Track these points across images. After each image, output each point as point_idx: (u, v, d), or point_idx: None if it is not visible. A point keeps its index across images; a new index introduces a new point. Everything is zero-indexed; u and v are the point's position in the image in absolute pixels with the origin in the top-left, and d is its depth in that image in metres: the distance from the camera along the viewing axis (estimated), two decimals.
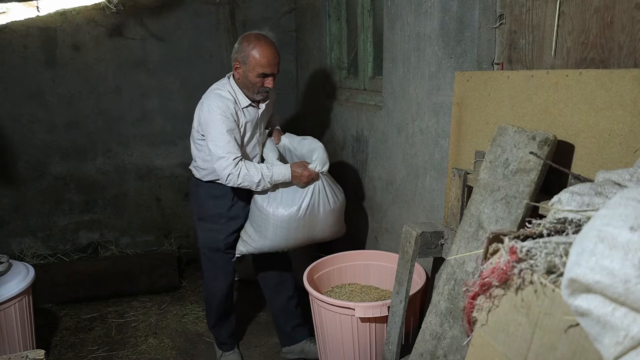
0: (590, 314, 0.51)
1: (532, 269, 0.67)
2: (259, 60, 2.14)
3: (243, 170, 2.17)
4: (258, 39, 2.16)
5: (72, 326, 3.16)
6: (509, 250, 0.68)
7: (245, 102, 2.25)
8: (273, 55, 2.17)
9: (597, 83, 1.12)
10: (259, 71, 2.15)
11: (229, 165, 2.15)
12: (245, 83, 2.21)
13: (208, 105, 2.19)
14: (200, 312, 3.28)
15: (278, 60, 2.20)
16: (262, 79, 2.18)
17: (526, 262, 0.67)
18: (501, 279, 0.70)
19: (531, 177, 1.19)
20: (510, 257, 0.68)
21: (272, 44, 2.19)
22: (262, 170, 2.20)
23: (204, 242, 2.47)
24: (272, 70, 2.18)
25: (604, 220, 0.51)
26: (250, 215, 2.37)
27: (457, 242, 1.40)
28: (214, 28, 3.80)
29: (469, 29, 1.61)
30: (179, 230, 4.07)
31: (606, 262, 0.47)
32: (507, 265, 0.69)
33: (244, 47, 2.17)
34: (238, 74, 2.22)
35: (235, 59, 2.21)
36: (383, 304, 1.81)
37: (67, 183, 3.77)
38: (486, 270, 0.73)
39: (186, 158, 3.94)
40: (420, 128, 2.03)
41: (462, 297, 1.32)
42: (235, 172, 2.16)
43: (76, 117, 3.67)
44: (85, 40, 3.58)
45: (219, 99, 2.18)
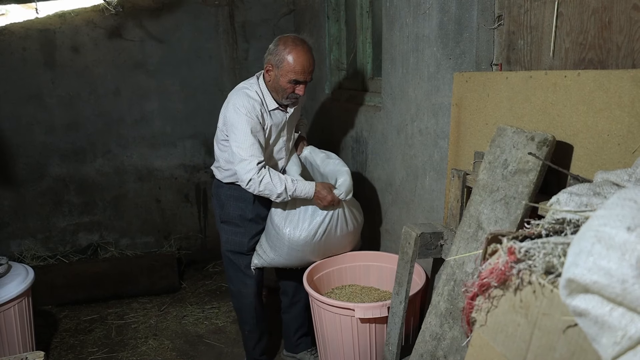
0: (588, 314, 0.51)
1: (531, 269, 0.67)
2: (293, 66, 2.05)
3: (266, 178, 2.07)
4: (295, 44, 2.07)
5: (71, 328, 3.16)
6: (508, 251, 0.68)
7: (272, 104, 2.18)
8: (309, 63, 2.08)
9: (596, 84, 1.12)
10: (291, 77, 2.07)
11: (251, 170, 2.06)
12: (275, 87, 2.14)
13: (234, 104, 2.12)
14: (200, 314, 3.28)
15: (313, 68, 2.12)
16: (293, 85, 2.10)
17: (524, 263, 0.68)
18: (500, 279, 0.70)
19: (530, 178, 1.19)
20: (508, 258, 0.68)
21: (309, 50, 2.11)
22: (287, 182, 2.11)
23: (227, 246, 2.38)
24: (305, 77, 2.10)
25: (601, 221, 0.51)
26: (266, 230, 2.31)
27: (456, 242, 1.40)
28: (213, 30, 3.81)
29: (468, 30, 1.62)
30: (178, 232, 4.07)
31: (603, 262, 0.47)
32: (505, 265, 0.69)
33: (280, 50, 2.08)
34: (269, 76, 2.14)
35: (268, 61, 2.13)
36: (383, 305, 1.81)
37: (67, 184, 3.77)
38: (485, 270, 0.73)
39: (185, 159, 3.96)
40: (420, 129, 2.03)
41: (461, 298, 1.32)
42: (257, 178, 2.06)
43: (76, 119, 3.67)
44: (84, 42, 3.59)
45: (246, 98, 2.11)
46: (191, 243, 4.12)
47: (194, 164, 4.01)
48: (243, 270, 2.39)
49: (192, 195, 4.07)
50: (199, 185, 4.06)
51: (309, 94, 3.70)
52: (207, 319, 3.23)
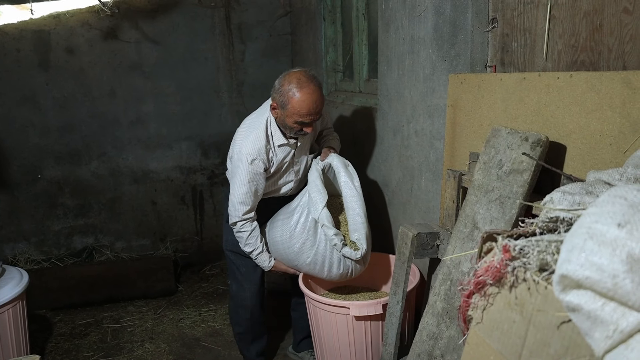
0: (581, 309, 0.52)
1: (525, 266, 0.68)
2: (299, 109, 1.97)
3: (245, 233, 2.18)
4: (300, 85, 1.96)
5: (66, 332, 3.14)
6: (502, 249, 0.70)
7: (281, 140, 2.13)
8: (315, 104, 1.98)
9: (588, 85, 1.14)
10: (296, 119, 1.99)
11: (237, 217, 2.16)
12: (282, 124, 2.07)
13: (239, 148, 2.11)
14: (196, 317, 3.27)
15: (321, 107, 2.02)
16: (300, 125, 2.03)
17: (519, 260, 0.69)
18: (495, 277, 0.71)
19: (524, 178, 1.20)
20: (503, 256, 0.70)
21: (316, 89, 2.00)
22: (254, 249, 2.21)
23: (228, 245, 2.39)
24: (312, 119, 2.02)
25: (592, 218, 0.52)
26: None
27: (452, 242, 1.41)
28: (209, 31, 3.81)
29: (462, 32, 1.63)
30: (175, 234, 4.06)
31: (595, 258, 0.49)
32: (500, 263, 0.70)
33: (284, 91, 1.98)
34: (275, 114, 2.07)
35: (273, 99, 2.05)
36: (377, 302, 1.82)
37: (62, 187, 3.75)
38: (480, 268, 0.74)
39: (181, 161, 3.96)
40: (416, 130, 2.05)
41: (458, 297, 1.33)
42: (237, 227, 2.18)
43: (70, 121, 3.66)
44: (79, 43, 3.58)
45: (252, 144, 2.08)
46: (187, 245, 4.11)
47: (190, 166, 4.00)
48: (242, 272, 2.39)
49: (188, 198, 4.06)
50: (195, 187, 4.06)
51: None
52: (204, 321, 3.22)
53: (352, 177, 2.11)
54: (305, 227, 2.07)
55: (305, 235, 2.06)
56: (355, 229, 2.06)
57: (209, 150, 4.01)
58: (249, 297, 2.40)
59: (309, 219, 2.06)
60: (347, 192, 2.09)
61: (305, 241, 2.06)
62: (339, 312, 1.87)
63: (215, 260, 4.13)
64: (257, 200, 2.18)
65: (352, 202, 2.07)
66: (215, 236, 4.15)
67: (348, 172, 2.12)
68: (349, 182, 2.09)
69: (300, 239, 2.07)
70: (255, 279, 2.40)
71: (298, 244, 2.08)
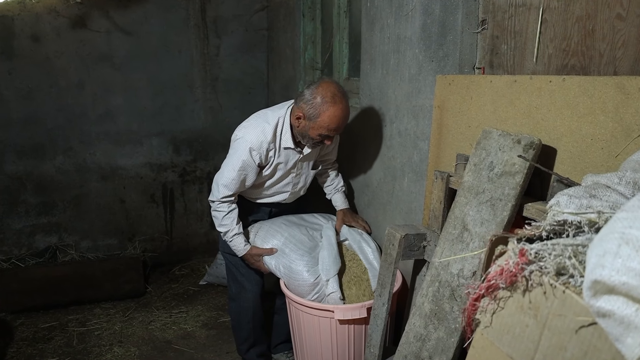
0: (613, 314, 0.51)
1: (542, 270, 0.67)
2: (328, 124, 1.94)
3: (221, 213, 2.13)
4: (334, 101, 1.92)
5: (29, 336, 2.99)
6: (519, 253, 0.68)
7: (288, 143, 2.09)
8: (345, 120, 1.98)
9: (580, 89, 1.15)
10: (323, 132, 1.97)
11: (217, 196, 2.12)
12: (302, 134, 2.03)
13: (244, 134, 2.07)
14: (167, 319, 3.18)
15: (347, 121, 2.02)
16: (322, 138, 2.01)
17: (535, 264, 0.68)
18: (510, 281, 0.70)
19: (517, 180, 1.21)
20: (519, 259, 0.68)
21: (348, 105, 1.98)
22: (229, 231, 2.15)
23: (224, 248, 2.32)
24: (337, 133, 2.02)
25: (625, 223, 0.51)
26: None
27: (441, 244, 1.41)
28: (183, 23, 3.70)
29: (452, 33, 1.63)
30: (144, 234, 3.94)
31: (633, 263, 0.48)
32: (516, 267, 0.69)
33: (317, 103, 1.93)
34: (298, 122, 2.01)
35: (301, 108, 1.98)
36: (362, 306, 1.81)
37: (24, 183, 3.57)
38: (493, 272, 0.73)
39: (152, 158, 3.83)
40: (399, 130, 2.04)
41: (447, 299, 1.32)
42: (216, 206, 2.14)
43: (34, 113, 3.48)
44: (45, 31, 3.40)
45: (258, 133, 2.04)
46: (157, 245, 3.99)
47: (161, 163, 3.88)
48: (243, 273, 2.33)
49: (158, 196, 3.94)
50: (166, 185, 3.94)
51: (281, 94, 3.67)
52: (175, 323, 3.13)
53: (369, 246, 2.19)
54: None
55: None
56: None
57: (181, 147, 3.90)
58: (251, 297, 2.35)
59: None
60: (367, 257, 2.16)
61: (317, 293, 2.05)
62: (322, 315, 1.84)
63: (185, 260, 4.03)
64: (242, 189, 2.15)
65: (373, 267, 2.12)
66: (186, 235, 4.05)
67: (364, 241, 2.20)
68: (367, 247, 2.18)
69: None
70: (257, 278, 2.35)
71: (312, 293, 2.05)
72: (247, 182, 2.12)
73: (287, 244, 2.12)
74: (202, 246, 4.12)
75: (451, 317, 1.30)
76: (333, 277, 2.00)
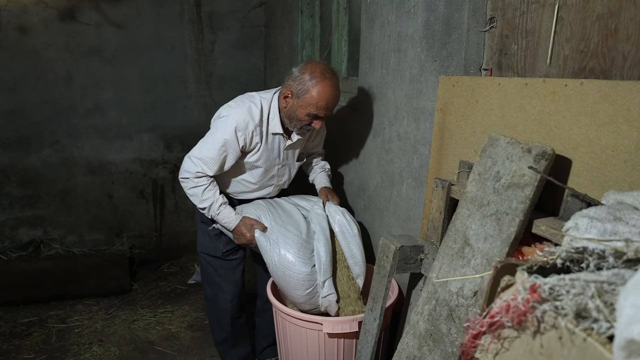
0: None
1: (558, 311, 0.56)
2: (317, 101, 1.86)
3: (200, 189, 1.96)
4: (323, 75, 1.86)
5: (6, 331, 2.88)
6: (530, 289, 0.57)
7: (276, 128, 2.00)
8: (335, 98, 1.90)
9: (601, 95, 1.04)
10: (311, 111, 1.89)
11: (192, 172, 1.94)
12: (290, 115, 1.95)
13: (229, 112, 1.96)
14: (151, 318, 3.06)
15: (336, 103, 1.94)
16: (310, 119, 1.92)
17: (550, 303, 0.56)
18: (518, 320, 0.58)
19: (526, 193, 1.09)
20: (530, 296, 0.57)
21: (337, 84, 1.92)
22: (214, 203, 1.98)
23: (202, 248, 2.22)
24: (326, 113, 1.92)
25: None
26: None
27: (439, 258, 1.29)
28: (177, 18, 3.58)
29: (457, 31, 1.52)
30: (131, 229, 3.82)
31: None
32: (525, 305, 0.58)
33: (305, 80, 1.87)
34: (286, 103, 1.94)
35: (289, 87, 1.92)
36: (353, 319, 1.69)
37: (8, 175, 3.45)
38: (497, 307, 0.62)
39: (142, 153, 3.71)
40: (398, 133, 1.93)
41: (444, 320, 1.21)
42: (191, 183, 1.96)
43: (20, 105, 3.36)
44: (33, 22, 3.29)
45: (244, 113, 1.93)
46: (145, 242, 3.87)
47: (151, 159, 3.77)
48: (220, 274, 2.22)
49: (147, 192, 3.83)
50: (156, 181, 3.83)
51: None
52: (160, 323, 3.02)
53: (350, 225, 2.02)
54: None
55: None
56: (357, 275, 1.99)
57: (173, 143, 3.79)
58: (229, 299, 2.25)
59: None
60: (347, 240, 2.01)
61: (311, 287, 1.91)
62: (310, 327, 1.73)
63: (174, 257, 3.92)
64: (219, 171, 1.99)
65: (354, 253, 1.98)
66: (176, 233, 3.94)
67: (346, 219, 2.03)
68: (349, 230, 2.01)
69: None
70: (236, 279, 2.25)
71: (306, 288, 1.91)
72: (225, 165, 1.96)
73: (278, 229, 1.96)
74: (192, 244, 3.98)
75: (448, 339, 1.19)
76: (330, 278, 1.88)
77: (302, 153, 2.23)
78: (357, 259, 1.96)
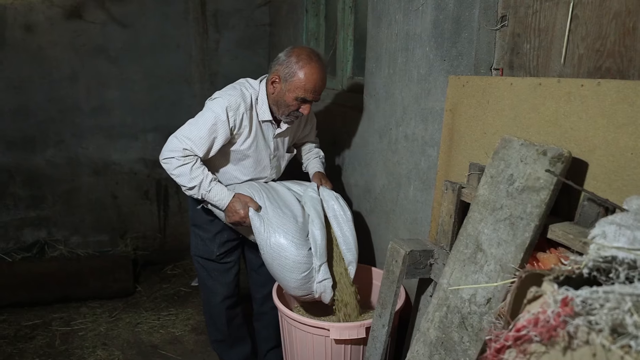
0: None
1: (591, 326, 0.52)
2: (304, 83, 1.85)
3: (189, 165, 1.85)
4: (310, 58, 1.86)
5: (10, 334, 2.85)
6: (561, 302, 0.54)
7: (265, 116, 1.97)
8: (322, 82, 1.90)
9: (619, 95, 1.00)
10: (299, 94, 1.87)
11: (178, 151, 1.85)
12: (277, 100, 1.93)
13: (221, 94, 1.92)
14: (155, 321, 3.03)
15: (324, 87, 1.93)
16: (299, 103, 1.90)
17: (583, 318, 0.53)
18: (548, 336, 0.55)
19: (541, 197, 1.06)
20: (561, 310, 0.54)
21: (324, 67, 1.91)
22: (205, 178, 1.88)
23: (196, 251, 2.18)
24: (314, 97, 1.91)
25: None
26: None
27: (450, 263, 1.26)
28: (182, 17, 3.56)
29: (467, 29, 1.48)
30: (136, 230, 3.80)
31: None
32: (556, 319, 0.54)
33: (291, 63, 1.87)
34: (274, 88, 1.92)
35: (276, 71, 1.91)
36: (360, 325, 1.66)
37: (13, 175, 3.44)
38: (524, 320, 0.58)
39: (146, 153, 3.69)
40: (406, 134, 1.89)
41: (456, 327, 1.18)
42: (177, 161, 1.85)
43: (26, 104, 3.35)
44: (38, 21, 3.27)
45: (235, 98, 1.89)
46: (149, 243, 3.85)
47: (156, 159, 3.68)
48: (213, 277, 2.19)
49: (152, 192, 3.81)
50: (160, 182, 3.81)
51: None
52: (163, 327, 2.99)
53: (344, 210, 1.99)
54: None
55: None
56: (350, 261, 1.95)
57: None
58: (222, 301, 2.22)
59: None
60: (340, 226, 1.98)
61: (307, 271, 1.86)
62: (317, 333, 1.69)
63: (178, 259, 3.90)
64: (206, 156, 1.92)
65: (347, 238, 1.96)
66: (180, 234, 3.92)
67: (339, 204, 2.01)
68: (342, 215, 1.98)
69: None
70: (228, 280, 2.21)
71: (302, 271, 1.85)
72: (213, 148, 1.90)
73: (273, 209, 1.89)
74: None
75: (460, 348, 1.15)
76: (325, 262, 1.85)
77: (290, 146, 2.21)
78: (350, 245, 1.93)
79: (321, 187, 2.09)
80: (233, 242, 2.18)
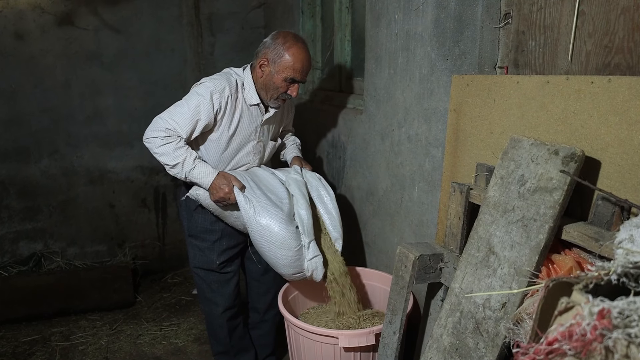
0: None
1: (631, 339, 0.50)
2: (293, 63, 1.89)
3: (172, 145, 1.84)
4: (296, 40, 1.93)
5: (8, 351, 2.79)
6: (598, 314, 0.51)
7: (253, 99, 1.98)
8: (308, 62, 1.95)
9: (631, 92, 0.98)
10: (288, 75, 1.91)
11: (161, 132, 1.84)
12: (266, 84, 1.95)
13: (207, 80, 1.93)
14: (157, 332, 2.99)
15: (310, 68, 1.98)
16: (287, 85, 1.94)
17: (621, 331, 0.50)
18: (585, 350, 0.52)
19: (555, 198, 1.03)
20: (598, 322, 0.51)
21: (308, 49, 1.97)
22: (189, 156, 1.87)
23: (195, 262, 2.14)
24: (302, 77, 1.95)
25: None
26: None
27: (462, 267, 1.23)
28: (176, 21, 3.52)
29: (470, 28, 1.46)
30: (134, 239, 3.75)
31: None
32: (593, 332, 0.51)
33: (278, 45, 1.92)
34: (262, 72, 1.95)
35: (264, 55, 1.94)
36: (369, 332, 1.63)
37: (6, 187, 3.38)
38: (557, 334, 0.56)
39: (144, 161, 3.64)
40: (408, 135, 1.86)
41: (471, 333, 1.15)
42: (161, 141, 1.84)
43: (18, 114, 3.29)
44: (30, 28, 3.22)
45: (222, 82, 1.91)
46: (148, 252, 3.80)
47: (153, 166, 3.69)
48: (214, 289, 2.15)
49: (149, 200, 3.76)
50: (158, 189, 3.76)
51: None
52: (166, 337, 2.94)
53: (327, 190, 2.08)
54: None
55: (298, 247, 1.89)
56: (336, 238, 2.01)
57: None
58: (223, 313, 2.18)
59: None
60: (325, 205, 2.05)
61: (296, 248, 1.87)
62: (325, 341, 1.66)
63: (178, 267, 3.85)
64: (189, 138, 1.90)
65: (332, 216, 2.04)
66: (179, 242, 3.87)
67: (322, 185, 2.09)
68: (326, 194, 2.07)
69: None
70: (229, 291, 2.17)
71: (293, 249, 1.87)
72: (196, 129, 1.88)
73: (257, 189, 1.91)
74: None
75: (476, 354, 1.13)
76: (313, 240, 1.87)
77: (276, 135, 2.22)
78: (335, 223, 2.01)
79: (303, 169, 2.14)
80: (233, 250, 2.15)
